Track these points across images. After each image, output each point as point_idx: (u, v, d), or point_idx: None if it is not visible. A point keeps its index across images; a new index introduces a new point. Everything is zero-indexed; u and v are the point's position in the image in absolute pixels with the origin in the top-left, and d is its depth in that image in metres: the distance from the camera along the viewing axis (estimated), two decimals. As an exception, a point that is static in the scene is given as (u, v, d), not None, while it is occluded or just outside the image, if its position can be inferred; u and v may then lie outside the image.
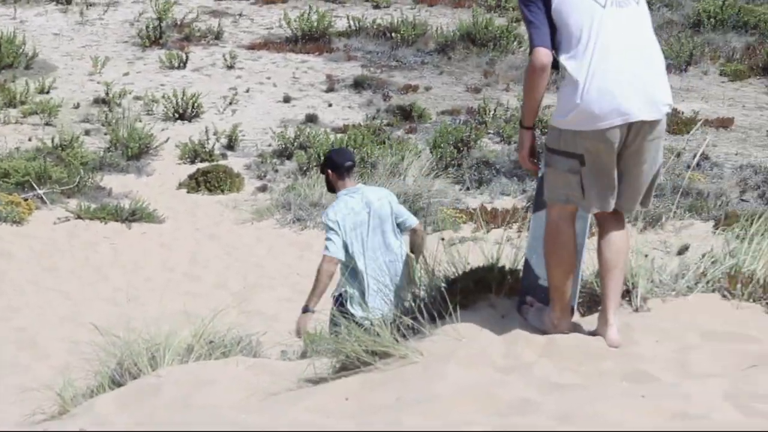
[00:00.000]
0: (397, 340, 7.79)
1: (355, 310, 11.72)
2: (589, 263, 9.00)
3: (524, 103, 7.88)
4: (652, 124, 7.58)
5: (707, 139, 23.85)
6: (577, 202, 7.81)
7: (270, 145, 24.96)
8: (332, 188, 12.77)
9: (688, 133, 25.05)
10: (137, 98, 28.22)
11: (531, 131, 8.01)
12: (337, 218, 12.26)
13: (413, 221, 12.76)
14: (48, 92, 28.19)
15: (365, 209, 12.44)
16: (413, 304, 8.65)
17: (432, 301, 8.75)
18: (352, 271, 12.27)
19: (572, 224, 7.96)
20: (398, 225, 12.57)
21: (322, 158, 14.44)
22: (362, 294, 12.19)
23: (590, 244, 8.41)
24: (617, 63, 7.52)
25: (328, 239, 12.27)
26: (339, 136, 24.40)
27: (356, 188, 12.71)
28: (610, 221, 8.05)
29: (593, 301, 8.71)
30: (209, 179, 23.11)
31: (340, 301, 12.28)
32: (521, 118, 8.03)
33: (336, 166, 12.62)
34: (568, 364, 7.69)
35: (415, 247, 12.54)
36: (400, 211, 12.71)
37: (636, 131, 7.57)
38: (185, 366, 9.64)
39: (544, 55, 7.63)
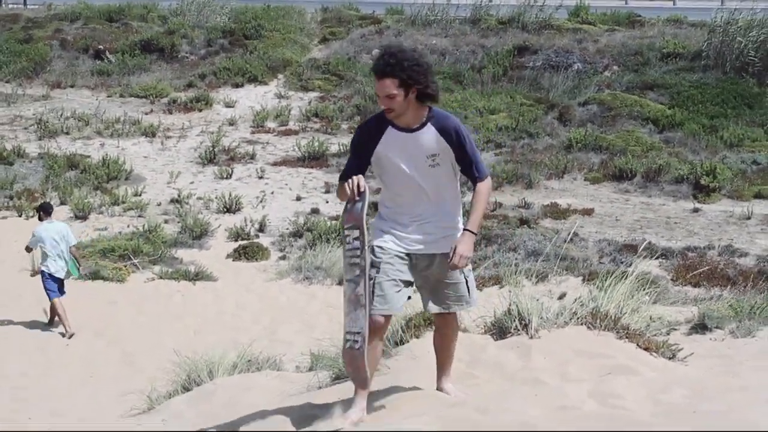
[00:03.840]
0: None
1: (53, 275, 17.02)
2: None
3: (480, 216, 6.88)
4: None
5: (577, 223, 23.93)
6: None
7: (288, 229, 24.88)
8: (40, 220, 17.51)
9: (564, 218, 25.19)
10: (199, 198, 28.18)
11: None
12: (39, 234, 17.07)
13: (72, 243, 17.57)
14: (140, 195, 28.16)
15: (58, 232, 17.20)
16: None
17: (394, 332, 8.78)
18: (48, 258, 17.04)
19: None
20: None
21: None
22: (57, 269, 17.17)
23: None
24: None
25: (32, 239, 17.19)
26: (333, 222, 24.39)
27: (51, 221, 17.43)
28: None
29: (502, 330, 8.72)
30: (247, 252, 23.08)
31: (48, 272, 17.04)
32: (476, 228, 6.86)
33: (43, 211, 17.64)
34: (488, 374, 7.70)
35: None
36: (71, 237, 17.56)
37: None
38: (232, 377, 9.64)
39: None
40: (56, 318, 17.29)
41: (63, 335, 17.10)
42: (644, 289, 9.18)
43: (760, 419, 5.49)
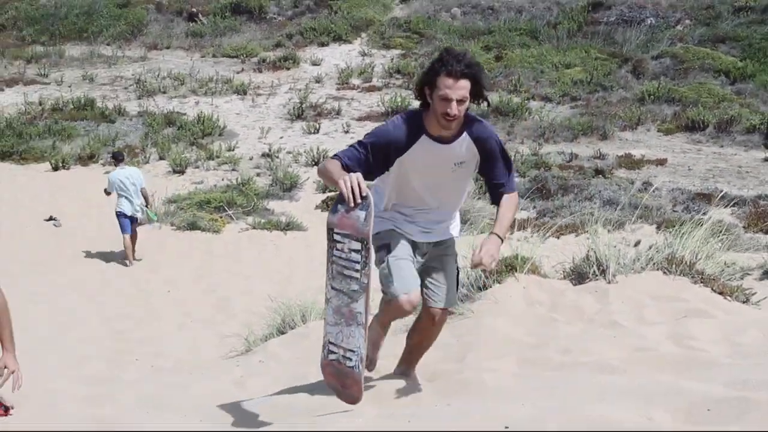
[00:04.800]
0: (457, 304, 7.79)
1: (122, 212, 18.31)
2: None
3: (509, 224, 5.84)
4: None
5: (655, 175, 23.65)
6: None
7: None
8: (115, 166, 19.03)
9: (638, 169, 24.91)
10: (288, 153, 28.37)
11: None
12: (113, 178, 18.38)
13: (142, 185, 18.69)
14: (233, 150, 28.44)
15: (129, 176, 18.48)
16: (467, 280, 8.68)
17: (478, 278, 8.79)
18: (119, 198, 18.41)
19: None
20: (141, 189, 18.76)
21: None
22: (131, 209, 18.42)
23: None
24: None
25: (108, 184, 18.40)
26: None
27: (123, 167, 18.83)
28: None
29: (581, 276, 8.69)
30: (334, 203, 23.23)
31: (117, 210, 18.43)
32: (504, 234, 5.75)
33: (116, 159, 19.25)
34: (568, 317, 7.69)
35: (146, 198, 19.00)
36: (142, 181, 18.78)
37: None
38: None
39: None
40: (132, 253, 18.69)
41: (126, 265, 18.54)
42: (718, 236, 9.05)
43: (835, 360, 5.41)
